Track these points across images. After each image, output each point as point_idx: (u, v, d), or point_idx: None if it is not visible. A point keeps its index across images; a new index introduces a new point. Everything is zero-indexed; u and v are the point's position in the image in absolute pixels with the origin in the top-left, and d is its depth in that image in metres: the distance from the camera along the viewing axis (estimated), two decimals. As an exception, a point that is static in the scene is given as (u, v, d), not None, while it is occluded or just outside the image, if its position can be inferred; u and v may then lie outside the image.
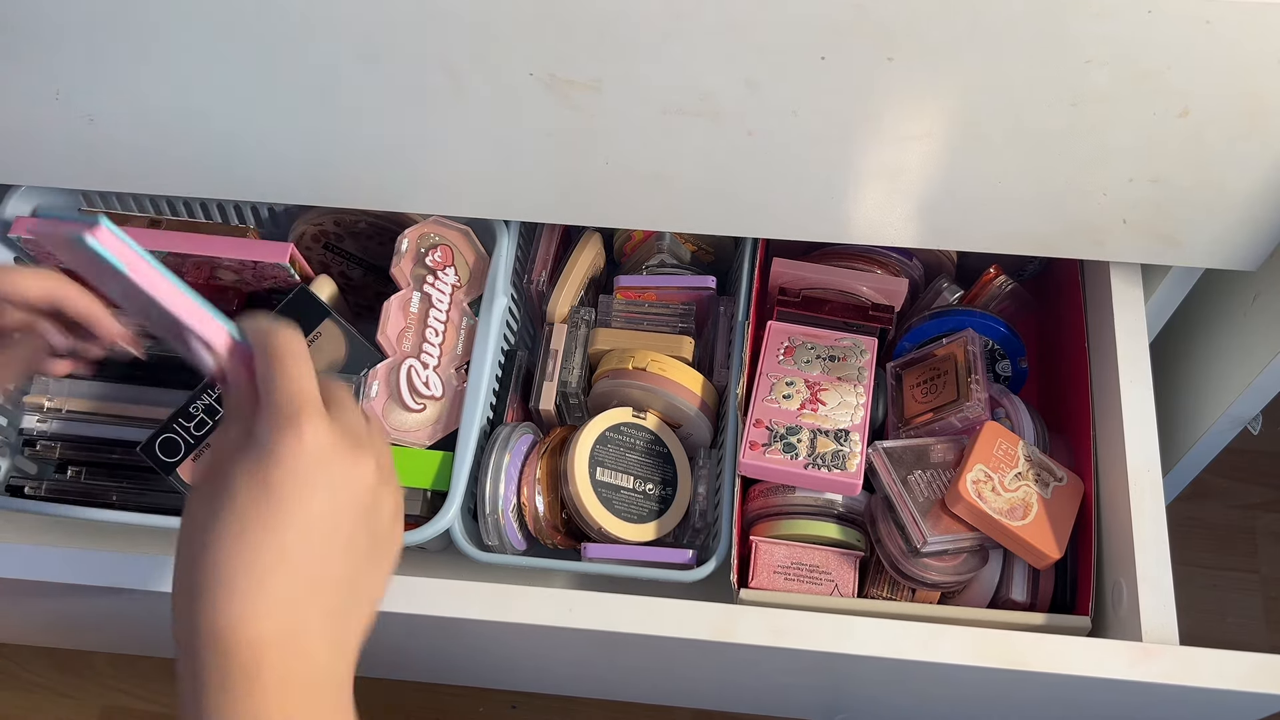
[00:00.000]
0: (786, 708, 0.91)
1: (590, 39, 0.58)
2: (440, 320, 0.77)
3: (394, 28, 0.59)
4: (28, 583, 0.67)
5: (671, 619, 0.62)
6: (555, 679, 0.93)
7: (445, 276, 0.78)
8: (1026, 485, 0.69)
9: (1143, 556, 0.64)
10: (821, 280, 0.81)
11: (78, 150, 0.70)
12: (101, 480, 0.78)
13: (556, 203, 0.71)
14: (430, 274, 0.78)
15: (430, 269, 0.78)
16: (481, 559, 0.72)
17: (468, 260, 0.79)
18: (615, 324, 0.81)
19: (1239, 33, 0.54)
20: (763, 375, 0.75)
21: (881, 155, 0.63)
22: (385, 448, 0.48)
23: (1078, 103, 0.58)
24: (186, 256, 0.78)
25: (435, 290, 0.78)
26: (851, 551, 0.71)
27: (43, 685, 1.06)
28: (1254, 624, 1.12)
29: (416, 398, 0.75)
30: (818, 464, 0.70)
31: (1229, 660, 0.60)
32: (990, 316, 0.79)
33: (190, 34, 0.60)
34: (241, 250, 0.77)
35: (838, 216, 0.69)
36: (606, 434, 0.76)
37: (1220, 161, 0.61)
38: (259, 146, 0.68)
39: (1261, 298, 0.74)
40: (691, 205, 0.69)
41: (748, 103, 0.60)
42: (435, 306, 0.77)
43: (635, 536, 0.74)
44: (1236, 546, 1.15)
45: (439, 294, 0.78)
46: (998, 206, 0.66)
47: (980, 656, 0.61)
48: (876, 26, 0.55)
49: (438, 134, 0.66)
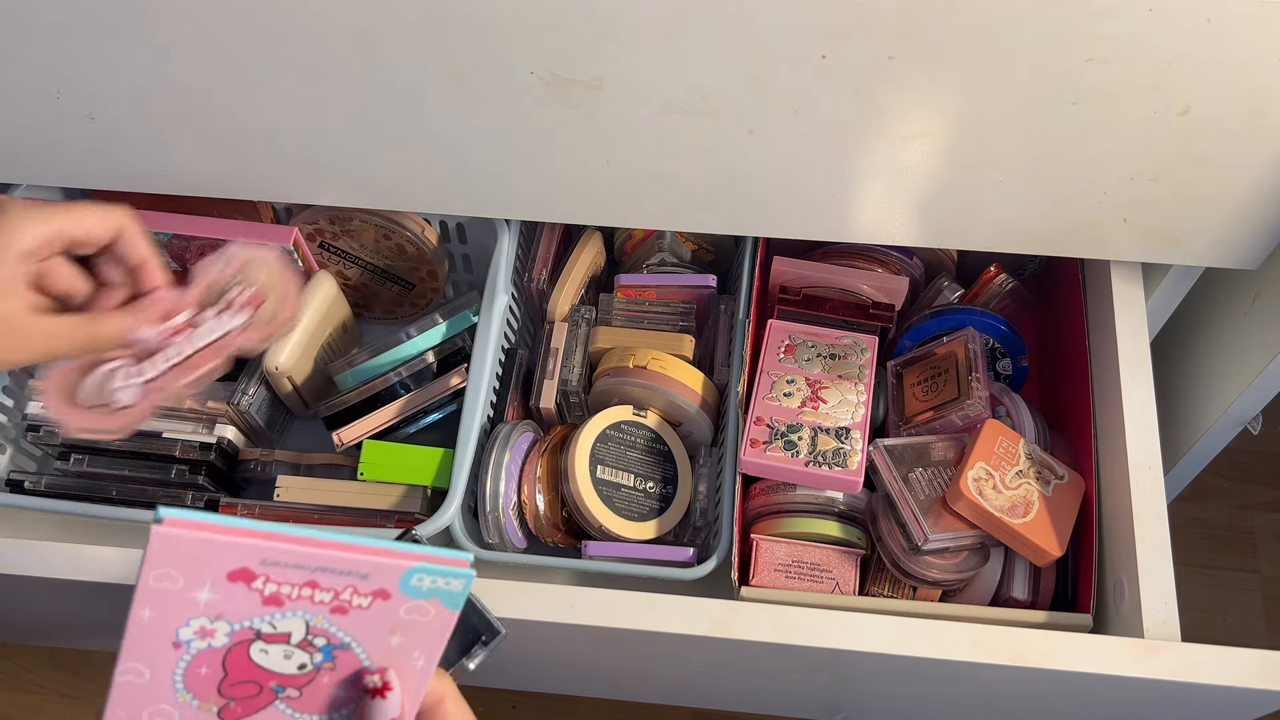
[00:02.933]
0: (787, 707, 0.91)
1: (591, 38, 0.58)
2: (185, 351, 0.59)
3: (395, 27, 0.59)
4: (28, 580, 0.67)
5: (672, 614, 0.62)
6: (556, 678, 0.93)
7: (231, 319, 0.60)
8: (1027, 483, 0.69)
9: (1144, 553, 0.64)
10: (822, 279, 0.81)
11: (78, 149, 0.70)
12: (102, 469, 0.78)
13: (557, 201, 0.71)
14: (226, 306, 0.59)
15: (229, 302, 0.60)
16: (482, 557, 0.72)
17: (281, 314, 0.61)
18: (616, 322, 0.81)
19: (1239, 32, 0.54)
20: (763, 373, 0.75)
21: (882, 154, 0.63)
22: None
23: (1078, 101, 0.58)
24: (191, 239, 0.78)
25: (213, 321, 0.59)
26: (852, 549, 0.71)
27: (43, 685, 1.06)
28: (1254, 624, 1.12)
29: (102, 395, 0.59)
30: (818, 462, 0.70)
31: (1230, 657, 0.60)
32: (991, 315, 0.79)
33: (190, 33, 0.60)
34: (246, 234, 0.77)
35: (838, 215, 0.69)
36: (607, 432, 0.76)
37: (1220, 160, 0.62)
38: (259, 146, 0.68)
39: (1262, 297, 0.74)
40: (692, 204, 0.70)
41: (748, 102, 0.61)
42: (197, 331, 0.59)
43: (636, 535, 0.74)
44: (1236, 546, 1.15)
45: (211, 327, 0.59)
46: (998, 205, 0.67)
47: (982, 653, 0.60)
48: (877, 25, 0.55)
49: (438, 132, 0.66)
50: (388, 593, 0.41)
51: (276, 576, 0.40)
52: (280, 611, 0.41)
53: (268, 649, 0.42)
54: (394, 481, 0.75)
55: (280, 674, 0.43)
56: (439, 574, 0.40)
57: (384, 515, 0.75)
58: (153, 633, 0.41)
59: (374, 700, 0.43)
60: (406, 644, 0.42)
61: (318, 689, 0.43)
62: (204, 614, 0.41)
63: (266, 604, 0.41)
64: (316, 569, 0.40)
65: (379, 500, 0.75)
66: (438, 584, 0.41)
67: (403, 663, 0.43)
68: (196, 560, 0.39)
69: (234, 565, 0.40)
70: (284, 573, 0.40)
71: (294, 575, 0.40)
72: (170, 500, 0.77)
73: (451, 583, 0.41)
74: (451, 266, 0.88)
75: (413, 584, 0.40)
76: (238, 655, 0.42)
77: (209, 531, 0.39)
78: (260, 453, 0.80)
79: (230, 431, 0.79)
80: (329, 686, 0.43)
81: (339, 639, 0.42)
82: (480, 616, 0.51)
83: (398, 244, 0.83)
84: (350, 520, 0.75)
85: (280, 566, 0.40)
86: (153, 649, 0.41)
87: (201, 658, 0.42)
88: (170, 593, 0.40)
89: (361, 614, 0.41)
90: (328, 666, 0.43)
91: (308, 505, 0.75)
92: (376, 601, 0.41)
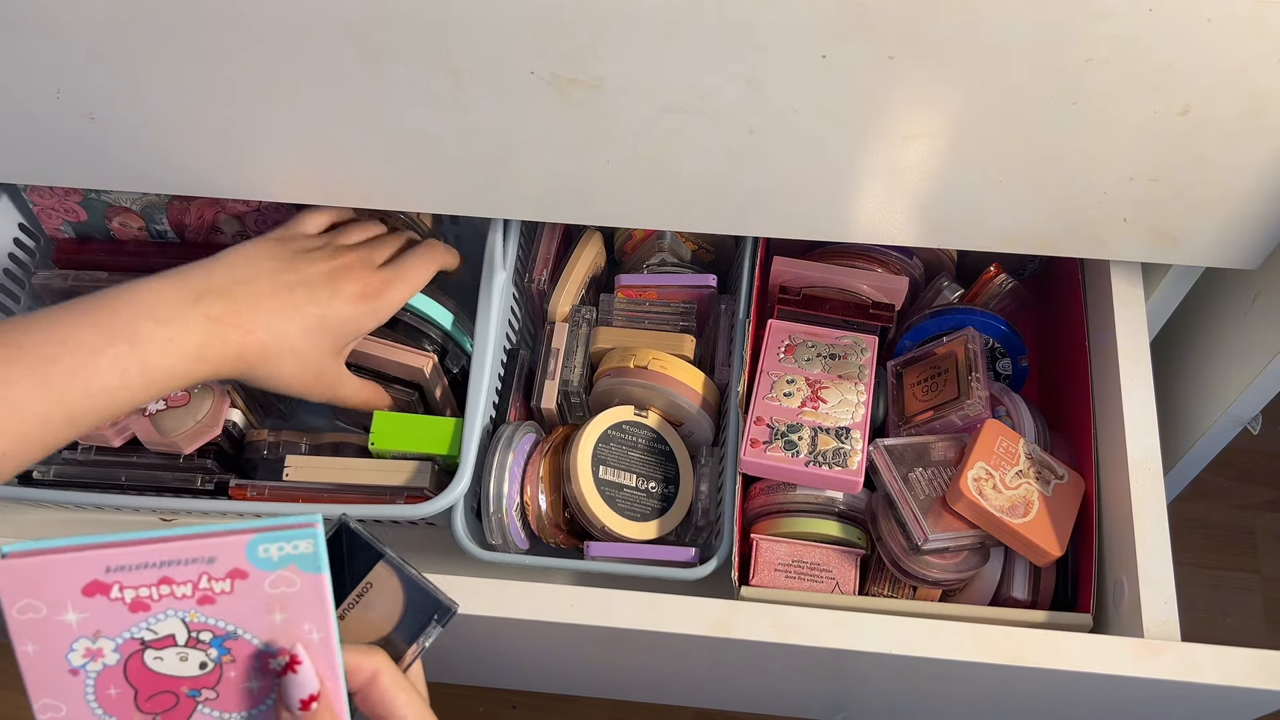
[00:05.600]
0: (788, 707, 0.91)
1: (591, 37, 0.58)
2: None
3: (395, 27, 0.59)
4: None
5: (672, 614, 0.62)
6: (556, 678, 0.93)
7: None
8: (1027, 483, 0.69)
9: (1144, 553, 0.65)
10: (822, 279, 0.81)
11: (78, 149, 0.70)
12: (111, 456, 0.78)
13: (557, 201, 0.71)
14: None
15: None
16: (485, 558, 0.73)
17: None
18: (616, 322, 0.81)
19: (1239, 31, 0.54)
20: (763, 373, 0.75)
21: (882, 154, 0.63)
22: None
23: (1078, 101, 0.58)
24: (191, 200, 0.78)
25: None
26: (852, 549, 0.71)
27: (43, 685, 1.06)
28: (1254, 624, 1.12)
29: None
30: (819, 462, 0.70)
31: (1231, 656, 0.60)
32: (991, 315, 0.79)
33: (191, 32, 0.60)
34: None
35: (838, 215, 0.69)
36: (609, 432, 0.76)
37: (1220, 160, 0.62)
38: (259, 146, 0.68)
39: (1261, 297, 0.75)
40: (692, 204, 0.70)
41: (749, 101, 0.61)
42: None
43: (638, 535, 0.74)
44: (1236, 546, 1.15)
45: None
46: (998, 205, 0.67)
47: (982, 652, 0.61)
48: (877, 25, 0.55)
49: (438, 132, 0.66)
50: (243, 571, 0.41)
51: (128, 581, 0.41)
52: (150, 615, 0.42)
53: (161, 655, 0.43)
54: (406, 451, 0.75)
55: (187, 678, 0.43)
56: (283, 539, 0.41)
57: (394, 491, 0.75)
58: (45, 666, 0.42)
59: (286, 678, 0.43)
60: (291, 618, 0.42)
61: (229, 685, 0.44)
62: (81, 634, 0.41)
63: (134, 610, 0.41)
64: (162, 564, 0.41)
65: (389, 477, 0.75)
66: (286, 549, 0.41)
67: (297, 638, 0.43)
68: (47, 584, 0.40)
69: (83, 580, 0.40)
70: (133, 575, 0.41)
71: (144, 576, 0.41)
72: (180, 484, 0.76)
73: (300, 545, 0.41)
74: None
75: (261, 555, 0.41)
76: (136, 668, 0.43)
77: (48, 555, 0.40)
78: (268, 434, 0.80)
79: (236, 414, 0.79)
80: (239, 680, 0.44)
81: (222, 629, 0.42)
82: (428, 596, 0.52)
83: (392, 227, 0.83)
84: (361, 498, 0.75)
85: (126, 570, 0.40)
86: (54, 682, 0.42)
87: (104, 679, 0.42)
88: (39, 622, 0.41)
89: (229, 599, 0.42)
90: (227, 660, 0.43)
91: (318, 484, 0.75)
92: (236, 583, 0.41)
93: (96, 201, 0.80)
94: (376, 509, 0.73)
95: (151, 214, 0.81)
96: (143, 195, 0.80)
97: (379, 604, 0.52)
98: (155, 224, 0.82)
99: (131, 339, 0.58)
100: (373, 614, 0.52)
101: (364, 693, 0.46)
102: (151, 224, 0.82)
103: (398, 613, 0.52)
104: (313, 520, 0.41)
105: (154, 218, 0.81)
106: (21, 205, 0.83)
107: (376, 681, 0.46)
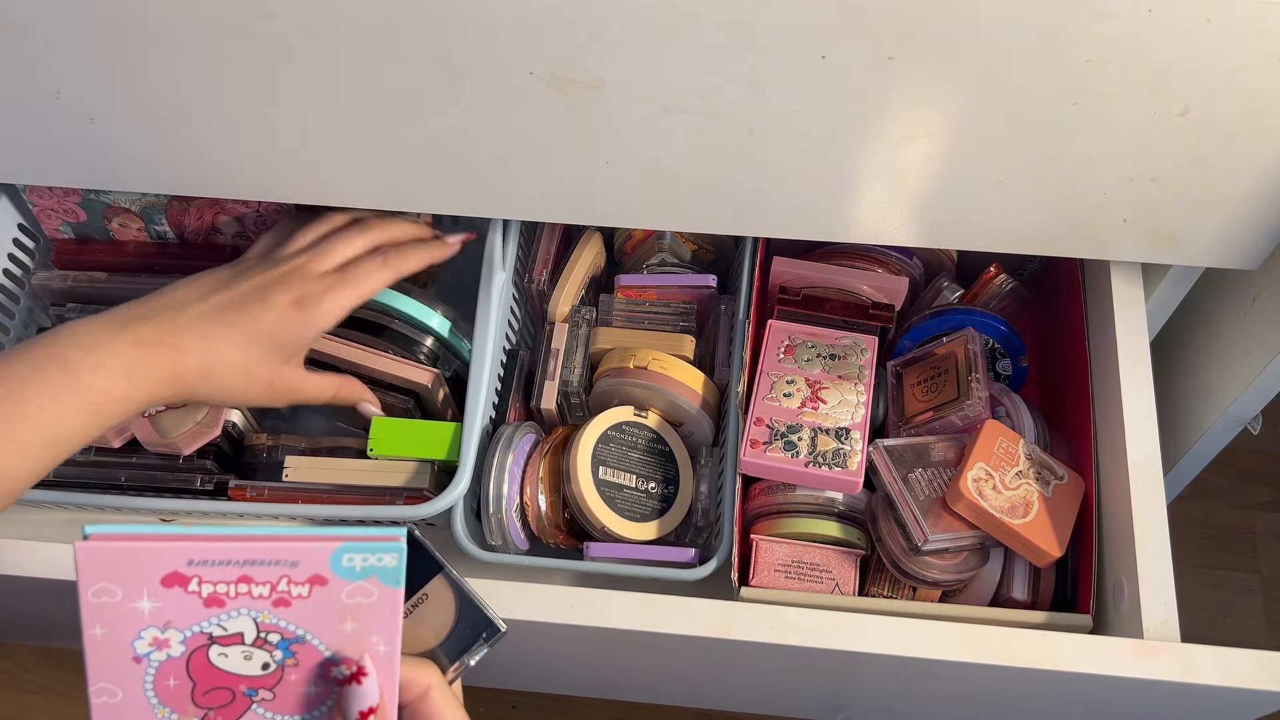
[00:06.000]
0: (788, 707, 0.91)
1: (591, 38, 0.58)
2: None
3: (394, 27, 0.59)
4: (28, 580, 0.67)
5: (672, 616, 0.62)
6: (556, 678, 0.93)
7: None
8: (1027, 483, 0.69)
9: (1144, 554, 0.64)
10: (822, 279, 0.81)
11: (78, 149, 0.70)
12: (110, 456, 0.78)
13: (557, 202, 0.71)
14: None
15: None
16: (485, 559, 0.73)
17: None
18: (616, 323, 0.81)
19: (1239, 32, 0.54)
20: (763, 374, 0.75)
21: (882, 154, 0.63)
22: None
23: (1078, 102, 0.58)
24: (191, 201, 0.78)
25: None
26: (852, 550, 0.71)
27: (43, 685, 1.06)
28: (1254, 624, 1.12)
29: None
30: (818, 462, 0.70)
31: (1231, 657, 0.60)
32: (991, 315, 0.79)
33: (190, 32, 0.60)
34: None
35: (838, 215, 0.69)
36: (609, 433, 0.76)
37: (1220, 161, 0.62)
38: (259, 145, 0.68)
39: (1261, 297, 0.75)
40: (692, 204, 0.70)
41: (748, 102, 0.61)
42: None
43: (638, 535, 0.74)
44: (1236, 546, 1.15)
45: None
46: (998, 206, 0.67)
47: (982, 653, 0.61)
48: (877, 25, 0.55)
49: (438, 133, 0.66)
50: (323, 578, 0.41)
51: (208, 576, 0.41)
52: (224, 612, 0.42)
53: (226, 652, 0.43)
54: (404, 457, 0.75)
55: (247, 676, 0.43)
56: (368, 550, 0.41)
57: (393, 492, 0.75)
58: (110, 650, 0.42)
59: (349, 688, 0.43)
60: (361, 629, 0.42)
61: (288, 688, 0.44)
62: (151, 624, 0.42)
63: (209, 605, 0.42)
64: (245, 563, 0.41)
65: (388, 478, 0.74)
66: (370, 561, 0.41)
67: (364, 649, 0.43)
68: (127, 570, 0.40)
69: (164, 570, 0.41)
70: (214, 571, 0.41)
71: (225, 573, 0.41)
72: (180, 484, 0.77)
73: (384, 558, 0.41)
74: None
75: (345, 565, 0.41)
76: (199, 663, 0.43)
77: (132, 541, 0.40)
78: (267, 437, 0.80)
79: (236, 415, 0.79)
80: (299, 684, 0.44)
81: (292, 632, 0.42)
82: (480, 614, 0.51)
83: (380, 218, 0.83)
84: (360, 499, 0.75)
85: (209, 565, 0.41)
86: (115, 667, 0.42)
87: (165, 669, 0.43)
88: (113, 606, 0.41)
89: (304, 604, 0.42)
90: (290, 663, 0.43)
91: (317, 485, 0.75)
92: (315, 589, 0.41)
93: (96, 202, 0.80)
94: (376, 510, 0.73)
95: (151, 215, 0.81)
96: (142, 196, 0.80)
97: (431, 616, 0.51)
98: (155, 225, 0.82)
99: (62, 364, 0.58)
100: (423, 626, 0.51)
101: (414, 706, 0.45)
102: (151, 225, 0.82)
103: (447, 627, 0.51)
104: (399, 534, 0.41)
105: (153, 218, 0.81)
106: (21, 206, 0.83)
107: (428, 696, 0.45)
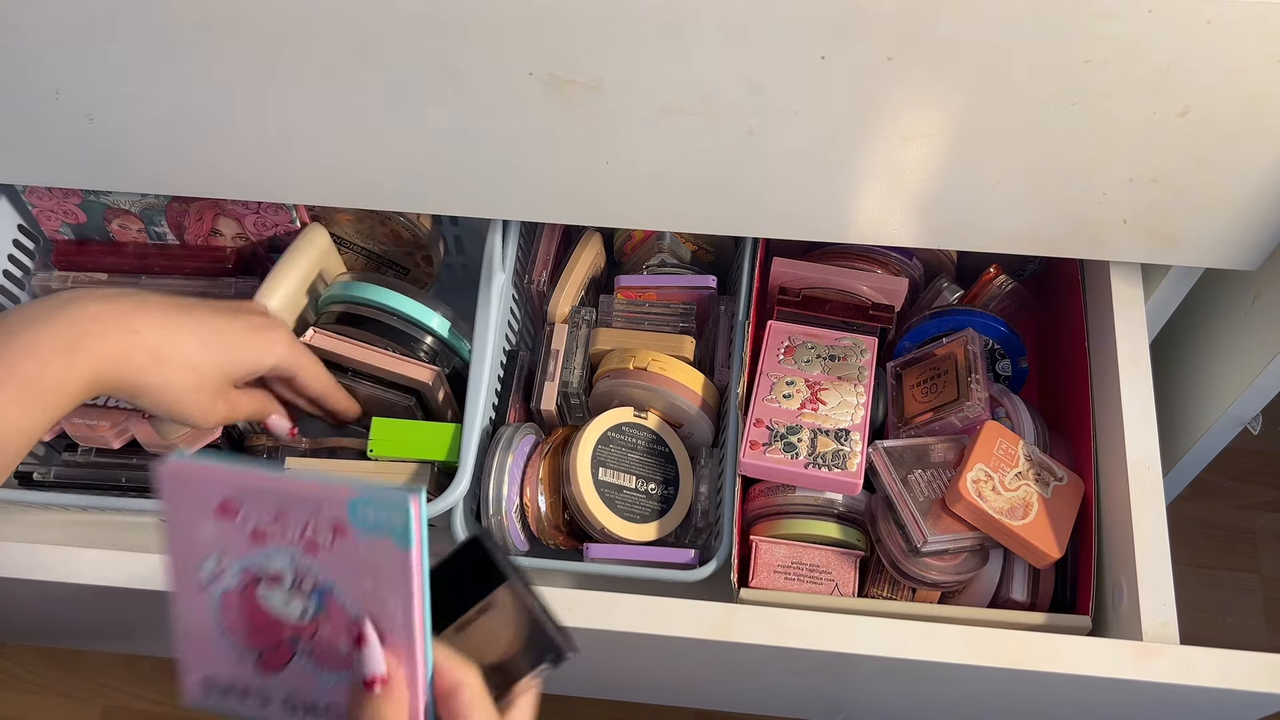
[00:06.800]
0: (788, 708, 0.91)
1: (591, 38, 0.58)
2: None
3: (394, 27, 0.59)
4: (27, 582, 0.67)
5: (671, 618, 0.62)
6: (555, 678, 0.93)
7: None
8: (1027, 485, 0.69)
9: (1143, 556, 0.64)
10: (822, 280, 0.81)
11: (78, 149, 0.70)
12: (110, 458, 0.78)
13: (557, 202, 0.71)
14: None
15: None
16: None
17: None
18: (616, 324, 0.81)
19: (1239, 32, 0.54)
20: (763, 375, 0.75)
21: (881, 155, 0.63)
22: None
23: (1078, 103, 0.58)
24: (190, 202, 0.78)
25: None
26: (852, 551, 0.71)
27: (43, 685, 1.06)
28: (1254, 624, 1.12)
29: None
30: (818, 463, 0.70)
31: (1230, 660, 0.60)
32: (990, 316, 0.79)
33: (190, 32, 0.60)
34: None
35: (838, 216, 0.69)
36: (608, 434, 0.76)
37: (1220, 161, 0.61)
38: (259, 146, 0.68)
39: (1261, 298, 0.74)
40: (692, 205, 0.70)
41: (748, 102, 0.61)
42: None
43: (638, 536, 0.74)
44: (1236, 546, 1.15)
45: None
46: (998, 206, 0.67)
47: (981, 656, 0.61)
48: (876, 26, 0.55)
49: (438, 133, 0.66)
50: (343, 528, 0.41)
51: (251, 510, 0.42)
52: (265, 549, 0.43)
53: (269, 593, 0.44)
54: (404, 458, 0.74)
55: (290, 624, 0.44)
56: (379, 504, 0.40)
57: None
58: (184, 574, 0.44)
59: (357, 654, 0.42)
60: (378, 591, 0.42)
61: (323, 641, 0.44)
62: (211, 552, 0.43)
63: (254, 540, 0.42)
64: (279, 498, 0.41)
65: (388, 479, 0.74)
66: (382, 518, 0.41)
67: (381, 612, 0.42)
68: (192, 495, 0.42)
69: (218, 498, 0.42)
70: (256, 503, 0.42)
71: (265, 506, 0.42)
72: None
73: (394, 516, 0.40)
74: (445, 248, 0.89)
75: (359, 515, 0.41)
76: (249, 600, 0.44)
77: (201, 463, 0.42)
78: (267, 439, 0.80)
79: None
80: (331, 639, 0.44)
81: (321, 580, 0.43)
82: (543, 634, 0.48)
83: (392, 230, 0.83)
84: None
85: (251, 496, 0.42)
86: (188, 590, 0.44)
87: (226, 602, 0.44)
88: (182, 529, 0.43)
89: (329, 554, 0.42)
90: (322, 616, 0.43)
91: None
92: (338, 539, 0.41)
93: (96, 203, 0.80)
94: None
95: (150, 216, 0.81)
96: (142, 197, 0.80)
97: (492, 627, 0.48)
98: (154, 226, 0.82)
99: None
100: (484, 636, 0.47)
101: (445, 702, 0.44)
102: (151, 226, 0.82)
103: (509, 640, 0.48)
104: (411, 491, 0.40)
105: (153, 220, 0.81)
106: (21, 207, 0.83)
107: (457, 694, 0.43)
